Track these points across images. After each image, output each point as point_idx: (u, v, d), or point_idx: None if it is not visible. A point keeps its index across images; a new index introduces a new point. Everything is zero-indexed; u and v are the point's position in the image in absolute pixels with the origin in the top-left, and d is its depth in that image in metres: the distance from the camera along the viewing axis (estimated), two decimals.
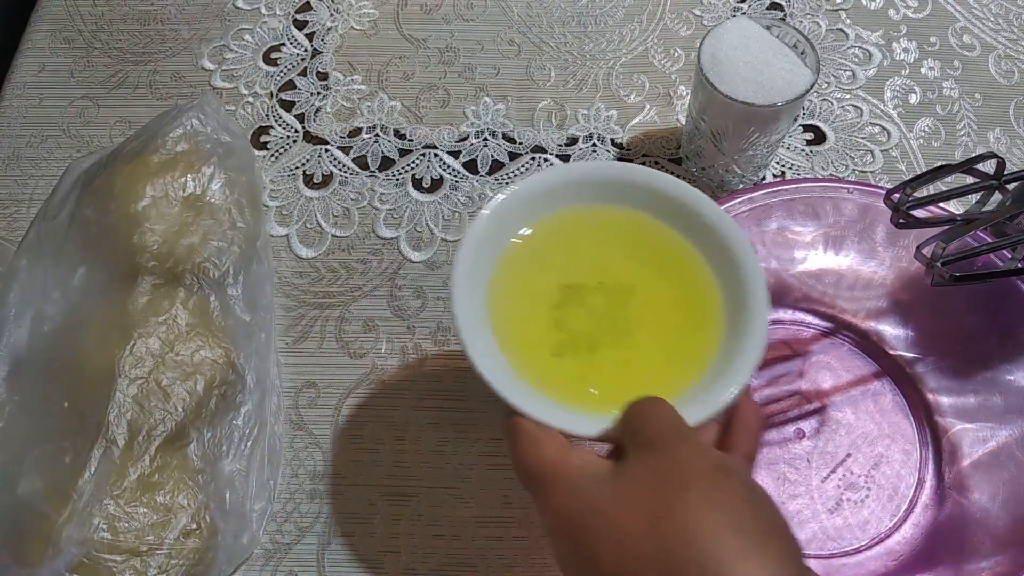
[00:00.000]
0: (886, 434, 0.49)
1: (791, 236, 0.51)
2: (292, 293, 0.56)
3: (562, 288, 0.40)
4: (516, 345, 0.39)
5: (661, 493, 0.30)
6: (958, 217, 0.43)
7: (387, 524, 0.49)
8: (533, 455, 0.34)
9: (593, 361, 0.39)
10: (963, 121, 0.61)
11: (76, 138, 0.62)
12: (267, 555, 0.48)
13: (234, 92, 0.64)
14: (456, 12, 0.67)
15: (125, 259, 0.48)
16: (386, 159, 0.61)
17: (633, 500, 0.30)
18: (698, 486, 0.30)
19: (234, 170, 0.53)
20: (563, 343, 0.39)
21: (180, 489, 0.43)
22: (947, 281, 0.39)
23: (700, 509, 0.29)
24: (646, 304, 0.40)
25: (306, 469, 0.50)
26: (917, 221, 0.42)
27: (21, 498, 0.41)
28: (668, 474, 0.31)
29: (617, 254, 0.42)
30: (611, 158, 0.60)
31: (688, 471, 0.31)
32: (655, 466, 0.31)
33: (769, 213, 0.50)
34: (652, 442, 0.32)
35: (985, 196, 0.43)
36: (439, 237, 0.57)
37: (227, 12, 0.68)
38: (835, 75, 0.64)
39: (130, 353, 0.44)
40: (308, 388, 0.53)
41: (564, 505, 0.32)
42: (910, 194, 0.41)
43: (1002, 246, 0.41)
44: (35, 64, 0.66)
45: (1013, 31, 0.65)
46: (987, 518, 0.44)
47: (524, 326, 0.40)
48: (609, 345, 0.39)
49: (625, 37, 0.66)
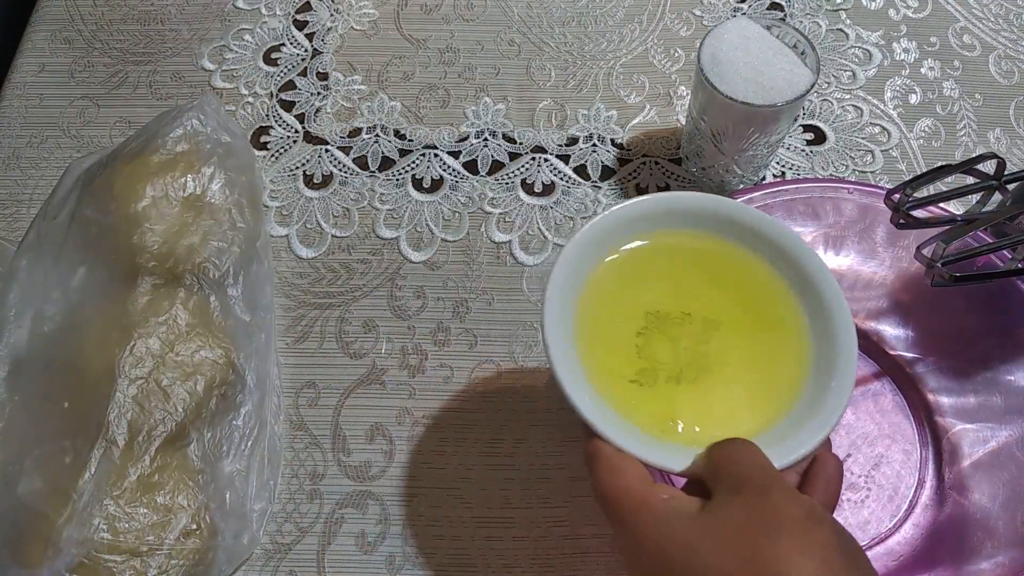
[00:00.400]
0: (886, 434, 0.49)
1: None
2: (292, 293, 0.56)
3: (647, 315, 0.40)
4: (598, 368, 0.38)
5: (752, 535, 0.30)
6: (958, 217, 0.43)
7: (387, 524, 0.49)
8: (617, 484, 0.34)
9: (674, 393, 0.38)
10: (963, 121, 0.61)
11: (76, 138, 0.62)
12: (267, 555, 0.48)
13: (234, 92, 0.64)
14: (456, 12, 0.67)
15: (125, 259, 0.48)
16: (386, 159, 0.61)
17: (724, 540, 0.30)
18: (791, 532, 0.30)
19: (234, 170, 0.53)
20: (644, 371, 0.38)
21: (180, 489, 0.43)
22: (947, 281, 0.39)
23: (792, 555, 0.29)
24: (731, 339, 0.39)
25: (306, 469, 0.50)
26: (917, 221, 0.42)
27: (21, 498, 0.41)
28: (760, 517, 0.31)
29: (707, 284, 0.41)
30: (611, 158, 0.60)
31: (781, 516, 0.31)
32: (746, 508, 0.31)
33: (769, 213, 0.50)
34: (741, 484, 0.32)
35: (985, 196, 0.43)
36: (439, 237, 0.58)
37: (227, 12, 0.68)
38: (835, 75, 0.64)
39: (130, 353, 0.44)
40: (308, 388, 0.53)
41: (651, 538, 0.32)
42: (910, 194, 0.41)
43: (1002, 246, 0.41)
44: (35, 64, 0.66)
45: (1013, 31, 0.65)
46: (987, 519, 0.44)
47: (607, 349, 0.39)
48: (691, 379, 0.38)
49: (625, 37, 0.66)
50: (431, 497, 0.49)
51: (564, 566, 0.47)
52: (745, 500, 0.32)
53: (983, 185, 0.42)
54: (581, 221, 0.58)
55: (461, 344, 0.54)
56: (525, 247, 0.57)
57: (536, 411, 0.52)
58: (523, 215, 0.58)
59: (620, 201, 0.58)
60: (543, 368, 0.53)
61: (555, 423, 0.51)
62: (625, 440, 0.35)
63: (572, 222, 0.58)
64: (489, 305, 0.55)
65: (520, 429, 0.51)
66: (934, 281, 0.40)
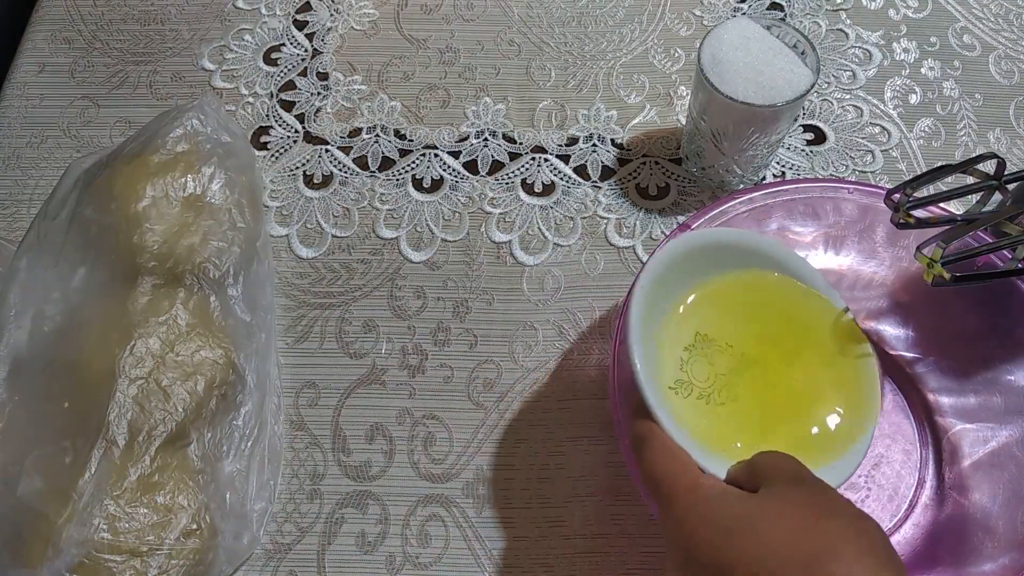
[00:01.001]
0: (886, 434, 0.49)
1: (792, 236, 0.51)
2: (292, 293, 0.56)
3: (697, 335, 0.44)
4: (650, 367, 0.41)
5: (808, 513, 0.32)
6: (958, 217, 0.43)
7: (387, 524, 0.49)
8: (672, 464, 0.36)
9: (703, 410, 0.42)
10: (963, 121, 0.61)
11: (76, 138, 0.62)
12: (267, 555, 0.48)
13: (234, 92, 0.64)
14: (456, 12, 0.67)
15: (125, 259, 0.47)
16: (386, 159, 0.61)
17: (781, 514, 0.32)
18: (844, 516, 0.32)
19: (234, 170, 0.53)
20: (680, 382, 0.42)
21: (180, 489, 0.43)
22: (947, 282, 0.39)
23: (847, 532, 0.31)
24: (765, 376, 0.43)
25: (306, 469, 0.50)
26: (917, 221, 0.42)
27: (21, 498, 0.41)
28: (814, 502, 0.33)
29: (757, 322, 0.45)
30: (612, 158, 0.60)
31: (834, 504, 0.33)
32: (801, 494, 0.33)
33: (769, 213, 0.50)
34: (793, 479, 0.34)
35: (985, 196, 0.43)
36: (439, 237, 0.57)
37: (227, 12, 0.68)
38: (835, 75, 0.64)
39: (130, 353, 0.44)
40: (308, 388, 0.53)
41: (706, 514, 0.33)
42: (910, 194, 0.41)
43: (1002, 246, 0.41)
44: (35, 64, 0.66)
45: (1013, 31, 0.65)
46: (987, 519, 0.44)
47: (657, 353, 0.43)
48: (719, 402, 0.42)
49: (625, 37, 0.66)
50: (431, 497, 0.49)
51: (564, 566, 0.47)
52: (799, 489, 0.34)
53: (983, 185, 0.42)
54: (582, 221, 0.58)
55: (461, 344, 0.54)
56: (525, 247, 0.57)
57: (536, 411, 0.52)
58: (523, 215, 0.58)
59: (621, 202, 0.58)
60: (543, 369, 0.53)
61: (555, 423, 0.51)
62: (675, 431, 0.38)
63: (572, 222, 0.58)
64: (489, 305, 0.55)
65: (520, 429, 0.51)
66: (934, 281, 0.40)
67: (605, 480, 0.50)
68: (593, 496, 0.49)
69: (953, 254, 0.39)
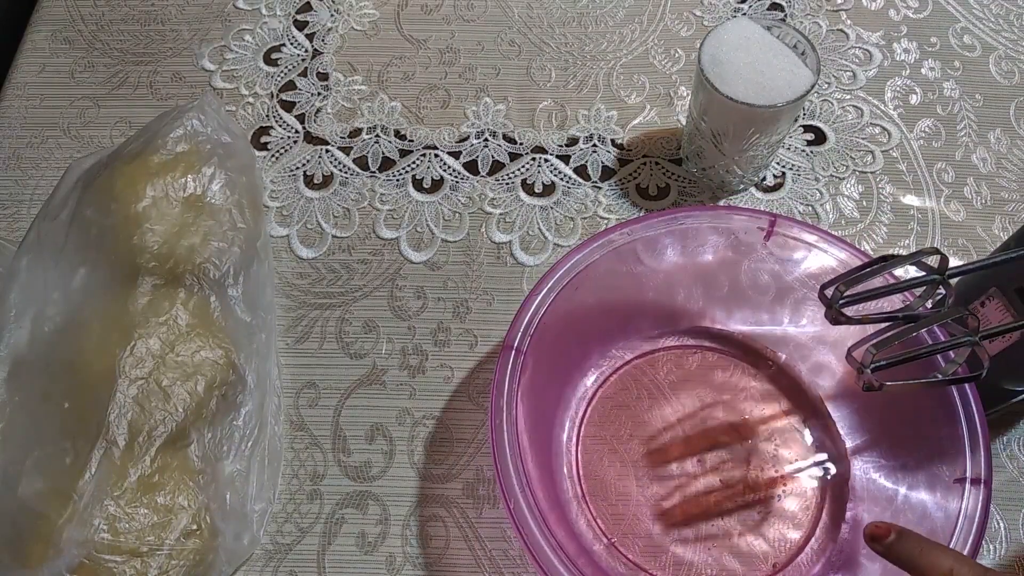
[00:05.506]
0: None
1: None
2: (292, 294, 0.56)
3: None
4: None
5: None
6: (897, 314, 0.40)
7: (387, 524, 0.49)
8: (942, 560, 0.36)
9: None
10: (963, 122, 0.61)
11: (76, 138, 0.63)
12: (267, 556, 0.48)
13: (234, 92, 0.64)
14: (456, 12, 0.67)
15: (125, 260, 0.48)
16: (386, 159, 0.61)
17: None
18: None
19: (234, 171, 0.53)
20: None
21: (180, 490, 0.43)
22: (877, 388, 0.37)
23: None
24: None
25: (306, 470, 0.50)
26: (851, 319, 0.39)
27: (22, 499, 0.41)
28: None
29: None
30: (612, 159, 0.60)
31: None
32: None
33: (658, 241, 0.49)
34: None
35: (927, 292, 0.40)
36: (439, 238, 0.58)
37: (227, 12, 0.68)
38: (835, 76, 0.64)
39: (130, 354, 0.44)
40: (308, 389, 0.53)
41: None
42: (843, 291, 0.38)
43: (938, 350, 0.39)
44: (35, 64, 0.66)
45: (1013, 31, 0.65)
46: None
47: None
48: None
49: (625, 38, 0.66)
50: (431, 497, 0.49)
51: None
52: None
53: (925, 280, 0.39)
54: (582, 221, 0.58)
55: (461, 344, 0.54)
56: (525, 247, 0.57)
57: None
58: (523, 215, 0.58)
59: (621, 202, 0.58)
60: None
61: None
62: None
63: (572, 222, 0.58)
64: (489, 305, 0.55)
65: None
66: (864, 386, 0.38)
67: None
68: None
69: (886, 359, 0.37)
